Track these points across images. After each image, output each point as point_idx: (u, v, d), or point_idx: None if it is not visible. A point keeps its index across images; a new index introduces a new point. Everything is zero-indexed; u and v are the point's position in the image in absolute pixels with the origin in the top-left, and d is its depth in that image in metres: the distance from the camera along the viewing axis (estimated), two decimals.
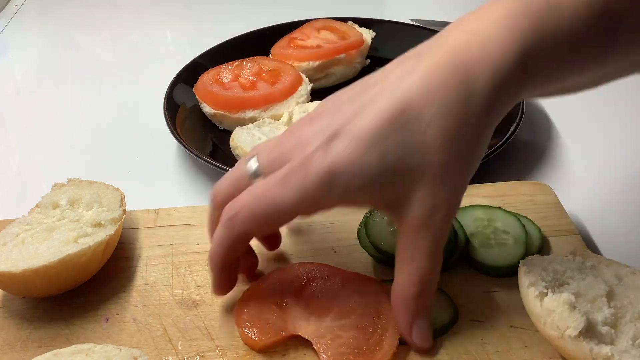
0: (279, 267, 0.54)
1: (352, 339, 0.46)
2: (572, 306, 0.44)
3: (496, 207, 0.58)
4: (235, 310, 0.50)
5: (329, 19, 0.94)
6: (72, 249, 0.51)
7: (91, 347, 0.46)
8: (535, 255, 0.51)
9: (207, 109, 0.77)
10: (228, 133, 0.75)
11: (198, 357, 0.48)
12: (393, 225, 0.56)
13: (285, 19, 0.95)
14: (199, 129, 0.78)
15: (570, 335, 0.43)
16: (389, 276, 0.54)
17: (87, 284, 0.54)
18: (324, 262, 0.54)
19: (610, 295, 0.47)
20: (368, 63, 0.90)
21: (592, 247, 0.59)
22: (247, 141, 0.69)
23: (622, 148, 0.75)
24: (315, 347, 0.46)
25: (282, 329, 0.48)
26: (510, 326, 0.49)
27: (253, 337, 0.47)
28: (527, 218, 0.58)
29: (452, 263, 0.54)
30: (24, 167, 0.78)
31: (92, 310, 0.52)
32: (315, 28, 0.92)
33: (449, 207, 0.43)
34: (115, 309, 0.52)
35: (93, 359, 0.45)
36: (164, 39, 1.11)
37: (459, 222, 0.56)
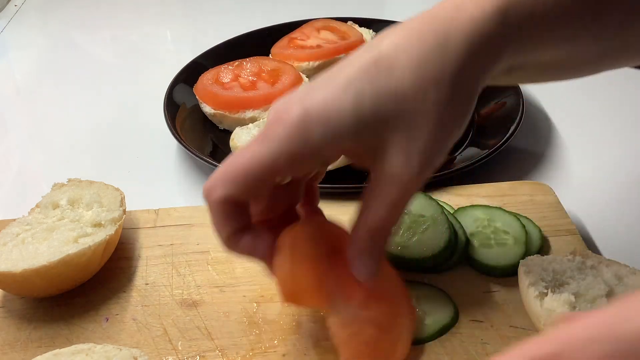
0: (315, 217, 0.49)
1: (371, 337, 0.46)
2: (572, 306, 0.44)
3: (496, 207, 0.58)
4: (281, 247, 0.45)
5: (329, 19, 0.94)
6: (72, 249, 0.51)
7: (91, 347, 0.46)
8: (535, 255, 0.51)
9: (207, 109, 0.77)
10: (228, 133, 0.75)
11: (198, 357, 0.48)
12: None
13: (285, 19, 0.95)
14: (199, 129, 0.77)
15: None
16: None
17: (87, 284, 0.54)
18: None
19: (610, 295, 0.47)
20: None
21: (592, 247, 0.59)
22: (247, 141, 0.69)
23: (622, 148, 0.75)
24: (336, 338, 0.46)
25: (321, 290, 0.45)
26: (510, 326, 0.49)
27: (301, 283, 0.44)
28: (527, 218, 0.58)
29: (452, 263, 0.54)
30: (24, 167, 0.78)
31: (92, 310, 0.52)
32: (315, 28, 0.92)
33: (422, 162, 0.41)
34: (115, 309, 0.52)
35: (93, 359, 0.45)
36: (164, 39, 1.11)
37: (459, 222, 0.56)
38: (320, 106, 0.40)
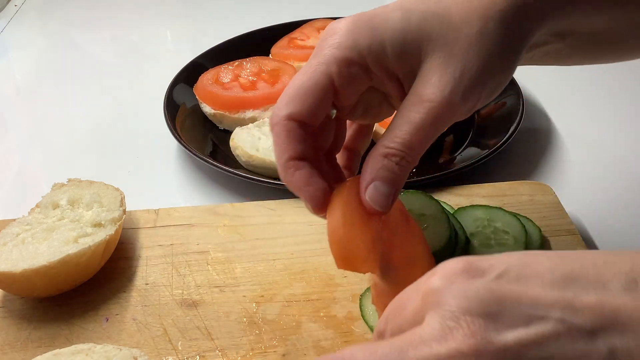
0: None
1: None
2: None
3: (496, 207, 0.58)
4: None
5: (329, 19, 0.94)
6: (72, 249, 0.51)
7: (91, 347, 0.46)
8: None
9: (207, 109, 0.77)
10: (228, 133, 0.75)
11: (198, 357, 0.48)
12: None
13: (285, 19, 0.95)
14: (199, 129, 0.77)
15: None
16: None
17: (87, 284, 0.54)
18: (323, 263, 0.54)
19: None
20: None
21: (592, 247, 0.59)
22: (247, 141, 0.69)
23: (622, 148, 0.75)
24: (376, 302, 0.45)
25: (374, 254, 0.43)
26: None
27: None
28: (527, 218, 0.58)
29: None
30: (24, 167, 0.78)
31: (92, 310, 0.52)
32: (315, 28, 0.92)
33: (454, 88, 0.40)
34: (115, 309, 0.52)
35: (93, 359, 0.45)
36: (164, 39, 1.11)
37: (459, 222, 0.56)
38: (369, 17, 0.43)
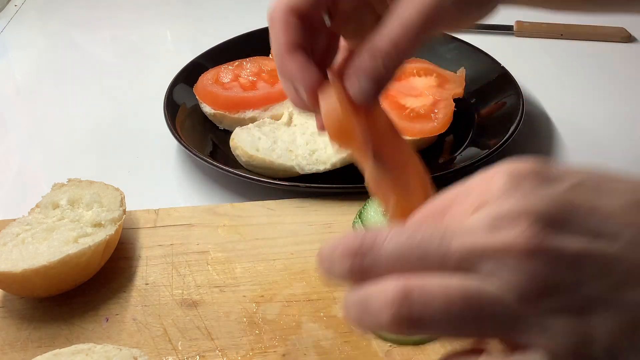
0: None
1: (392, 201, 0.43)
2: None
3: None
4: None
5: None
6: (72, 249, 0.51)
7: (91, 347, 0.46)
8: None
9: (207, 109, 0.77)
10: (228, 133, 0.75)
11: (198, 357, 0.48)
12: (387, 214, 0.56)
13: None
14: (199, 129, 0.77)
15: None
16: None
17: (87, 284, 0.54)
18: None
19: None
20: None
21: None
22: (247, 141, 0.69)
23: (622, 149, 0.75)
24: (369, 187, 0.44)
25: (362, 133, 0.41)
26: None
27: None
28: None
29: None
30: (24, 167, 0.78)
31: (92, 310, 0.52)
32: None
33: None
34: (115, 309, 0.52)
35: (93, 359, 0.45)
36: (164, 39, 1.11)
37: None
38: None
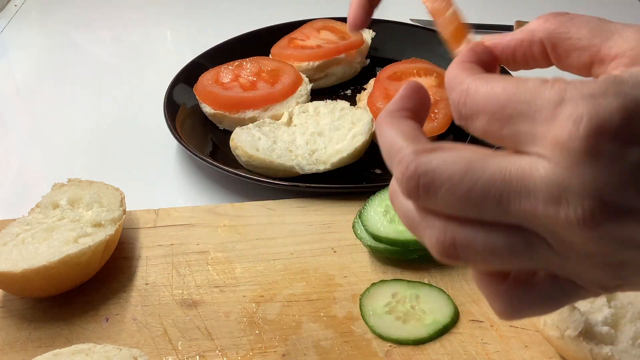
0: None
1: None
2: (572, 306, 0.44)
3: None
4: None
5: (329, 19, 0.94)
6: (72, 249, 0.51)
7: (91, 347, 0.46)
8: None
9: (207, 109, 0.77)
10: (228, 133, 0.75)
11: (198, 357, 0.48)
12: (388, 214, 0.56)
13: (285, 19, 0.95)
14: (199, 129, 0.77)
15: (570, 335, 0.43)
16: (387, 274, 0.54)
17: (87, 284, 0.54)
18: (323, 263, 0.54)
19: (610, 295, 0.47)
20: (368, 63, 0.90)
21: None
22: (247, 141, 0.69)
23: None
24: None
25: None
26: (510, 326, 0.49)
27: None
28: None
29: None
30: (24, 167, 0.78)
31: (92, 310, 0.52)
32: (315, 28, 0.92)
33: None
34: (115, 309, 0.52)
35: (93, 359, 0.45)
36: (164, 39, 1.11)
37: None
38: None
